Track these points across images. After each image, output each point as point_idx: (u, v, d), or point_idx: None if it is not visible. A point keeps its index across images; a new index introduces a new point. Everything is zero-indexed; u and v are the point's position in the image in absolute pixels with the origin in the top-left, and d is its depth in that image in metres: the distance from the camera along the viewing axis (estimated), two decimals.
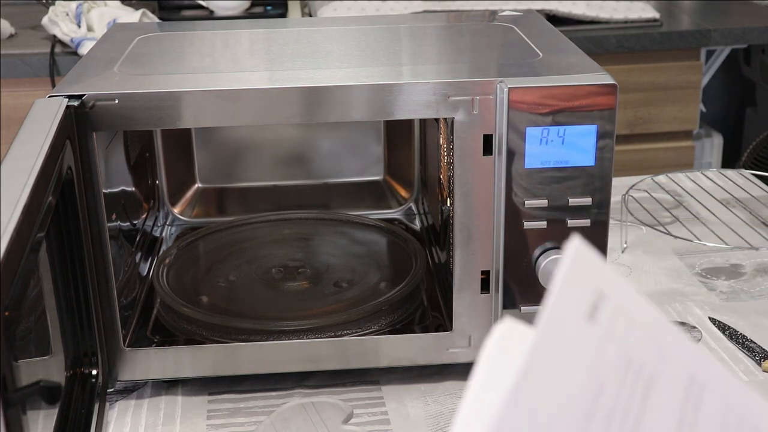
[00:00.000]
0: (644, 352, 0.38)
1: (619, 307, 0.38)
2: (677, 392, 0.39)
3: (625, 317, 0.38)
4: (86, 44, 1.84)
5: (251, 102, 0.80)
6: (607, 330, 0.37)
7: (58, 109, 0.75)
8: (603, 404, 0.36)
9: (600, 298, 0.38)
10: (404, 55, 0.94)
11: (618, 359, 0.37)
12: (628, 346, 0.38)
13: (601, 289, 0.38)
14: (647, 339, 0.39)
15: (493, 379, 0.36)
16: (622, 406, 0.36)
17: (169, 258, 1.03)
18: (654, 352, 0.39)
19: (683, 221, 1.18)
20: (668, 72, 2.07)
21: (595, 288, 0.38)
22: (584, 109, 0.79)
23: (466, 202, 0.82)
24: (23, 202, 0.61)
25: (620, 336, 0.38)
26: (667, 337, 0.40)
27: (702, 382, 0.39)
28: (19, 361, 0.62)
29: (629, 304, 0.39)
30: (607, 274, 0.39)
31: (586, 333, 0.37)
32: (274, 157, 1.17)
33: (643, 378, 0.38)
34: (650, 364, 0.38)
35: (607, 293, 0.38)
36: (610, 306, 0.38)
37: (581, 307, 0.37)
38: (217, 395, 0.87)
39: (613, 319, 0.38)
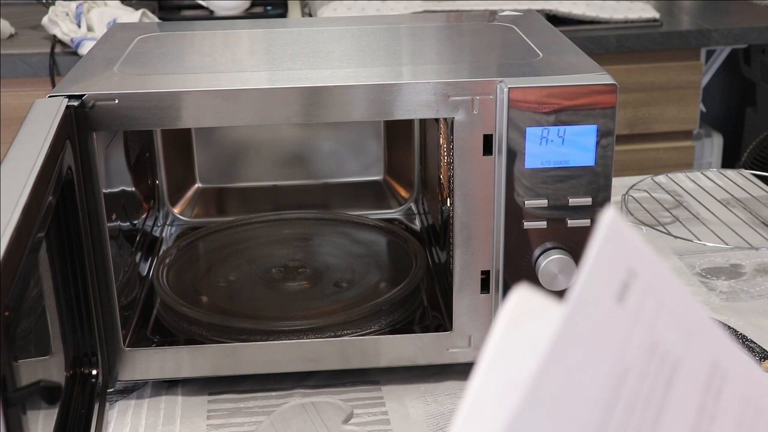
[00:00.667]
0: (670, 337, 0.37)
1: (649, 287, 0.37)
2: (699, 380, 0.37)
3: (654, 298, 0.37)
4: (86, 44, 1.84)
5: (251, 102, 0.80)
6: (635, 312, 0.36)
7: (58, 109, 0.75)
8: (626, 392, 0.35)
9: (631, 277, 0.36)
10: (404, 55, 0.94)
11: (644, 344, 0.36)
12: (655, 330, 0.36)
13: (633, 267, 0.37)
14: (675, 323, 0.37)
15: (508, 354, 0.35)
16: (645, 394, 0.35)
17: (169, 258, 1.03)
18: (680, 336, 0.37)
19: (683, 221, 1.18)
20: (668, 72, 2.07)
21: (627, 266, 0.36)
22: (584, 108, 0.79)
23: (466, 202, 0.82)
24: (23, 202, 0.61)
25: (648, 319, 0.36)
26: (694, 321, 0.38)
27: (724, 370, 0.38)
28: (19, 361, 0.62)
29: (660, 283, 0.38)
30: (640, 250, 0.37)
31: (616, 315, 0.35)
32: (274, 157, 1.17)
33: (667, 365, 0.36)
34: (675, 350, 0.37)
35: (639, 272, 0.37)
36: (640, 286, 0.36)
37: (612, 286, 0.36)
38: (217, 395, 0.87)
39: (643, 300, 0.36)
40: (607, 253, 0.36)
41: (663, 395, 0.36)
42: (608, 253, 0.36)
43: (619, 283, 0.36)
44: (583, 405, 0.34)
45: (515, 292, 0.38)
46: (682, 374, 0.37)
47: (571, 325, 0.34)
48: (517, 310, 0.37)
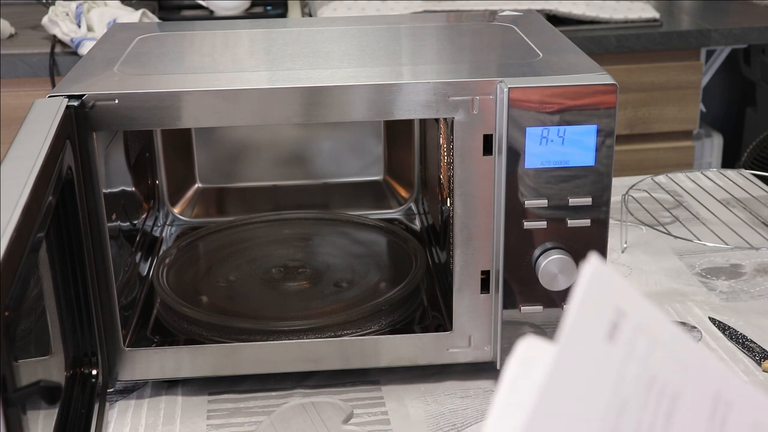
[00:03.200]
0: (667, 371, 0.38)
1: (639, 325, 0.38)
2: (703, 410, 0.38)
3: (646, 336, 0.38)
4: (86, 44, 1.84)
5: (251, 102, 0.80)
6: (627, 349, 0.37)
7: (58, 109, 0.75)
8: (626, 423, 0.36)
9: (620, 317, 0.37)
10: (404, 55, 0.94)
11: (640, 378, 0.37)
12: (650, 364, 0.37)
13: (620, 307, 0.38)
14: (670, 357, 0.38)
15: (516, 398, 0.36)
16: (646, 424, 0.36)
17: (169, 258, 1.03)
18: (677, 370, 0.38)
19: (683, 221, 1.18)
20: (668, 72, 2.07)
21: (615, 307, 0.38)
22: (584, 108, 0.79)
23: (466, 202, 0.82)
24: (23, 202, 0.61)
25: (642, 355, 0.37)
26: (690, 355, 0.39)
27: (727, 400, 0.39)
28: (19, 361, 0.62)
29: (650, 322, 0.38)
30: (627, 293, 0.38)
31: (607, 353, 0.36)
32: (274, 157, 1.17)
33: (666, 396, 0.37)
34: (674, 383, 0.38)
35: (627, 312, 0.38)
36: (630, 325, 0.38)
37: (601, 327, 0.37)
38: (217, 395, 0.87)
39: (634, 338, 0.37)
40: (594, 296, 0.37)
41: (666, 424, 0.36)
42: (594, 295, 0.37)
43: (607, 323, 0.37)
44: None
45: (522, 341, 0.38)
46: (683, 405, 0.37)
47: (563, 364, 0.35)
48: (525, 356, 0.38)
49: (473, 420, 0.83)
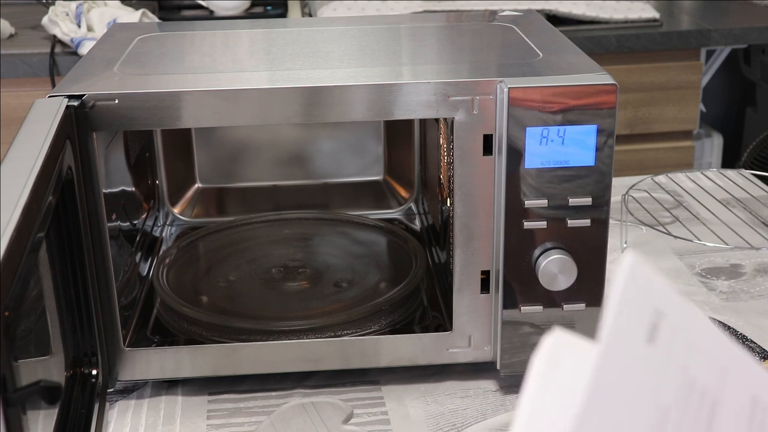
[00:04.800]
0: (706, 375, 0.37)
1: (677, 327, 0.37)
2: (742, 415, 0.37)
3: (684, 338, 0.37)
4: (86, 44, 1.84)
5: (251, 102, 0.80)
6: (667, 353, 0.36)
7: (58, 109, 0.75)
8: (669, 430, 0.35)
9: (659, 318, 0.36)
10: (404, 55, 0.94)
11: (680, 384, 0.36)
12: (689, 369, 0.36)
13: (659, 308, 0.37)
14: (708, 360, 0.37)
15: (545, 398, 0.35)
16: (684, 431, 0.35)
17: (169, 258, 1.03)
18: (715, 374, 0.37)
19: (683, 221, 1.18)
20: (668, 72, 2.07)
21: (654, 307, 0.36)
22: (584, 108, 0.79)
23: (466, 202, 0.82)
24: (23, 202, 0.61)
25: (681, 358, 0.36)
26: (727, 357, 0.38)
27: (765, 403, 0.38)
28: (19, 361, 0.62)
29: (688, 322, 0.38)
30: (665, 290, 0.37)
31: (647, 357, 0.35)
32: (274, 157, 1.17)
33: (706, 403, 0.36)
34: (713, 388, 0.37)
35: (666, 312, 0.37)
36: (669, 326, 0.36)
37: (641, 329, 0.36)
38: (217, 395, 0.87)
39: (673, 340, 0.36)
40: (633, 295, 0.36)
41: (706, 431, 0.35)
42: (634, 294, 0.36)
43: (647, 325, 0.36)
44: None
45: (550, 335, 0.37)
46: (723, 410, 0.36)
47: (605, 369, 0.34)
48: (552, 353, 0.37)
49: (473, 420, 0.83)
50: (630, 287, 0.36)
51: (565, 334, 0.37)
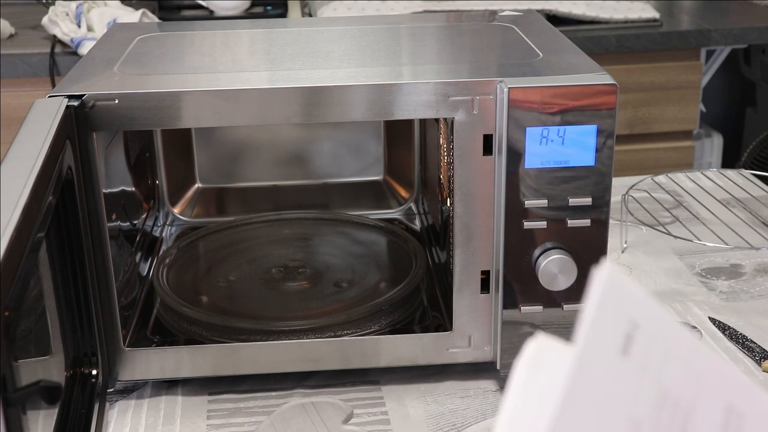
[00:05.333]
0: (680, 385, 0.37)
1: (653, 337, 0.37)
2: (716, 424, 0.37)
3: (659, 348, 0.37)
4: (86, 44, 1.84)
5: (251, 102, 0.80)
6: (641, 364, 0.36)
7: (58, 109, 0.75)
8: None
9: (633, 329, 0.36)
10: (404, 55, 0.94)
11: (654, 395, 0.36)
12: (663, 379, 0.37)
13: (634, 319, 0.37)
14: (683, 370, 0.37)
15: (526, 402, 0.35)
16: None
17: (169, 258, 1.03)
18: (690, 383, 0.37)
19: (683, 221, 1.18)
20: (668, 72, 2.07)
21: (629, 318, 0.37)
22: (584, 108, 0.79)
23: (466, 202, 0.82)
24: (23, 202, 0.61)
25: (655, 369, 0.36)
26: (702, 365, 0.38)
27: (740, 410, 0.38)
28: (19, 361, 0.62)
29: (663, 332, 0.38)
30: (641, 300, 0.38)
31: (622, 369, 0.35)
32: (274, 157, 1.17)
33: (680, 413, 0.36)
34: (687, 398, 0.37)
35: (641, 323, 0.37)
36: (644, 337, 0.37)
37: (615, 339, 0.36)
38: (217, 395, 0.87)
39: (648, 351, 0.37)
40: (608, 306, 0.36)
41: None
42: (609, 306, 0.36)
43: (622, 336, 0.36)
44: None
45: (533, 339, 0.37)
46: (696, 420, 0.36)
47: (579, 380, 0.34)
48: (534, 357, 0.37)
49: (473, 420, 0.83)
50: (606, 297, 0.36)
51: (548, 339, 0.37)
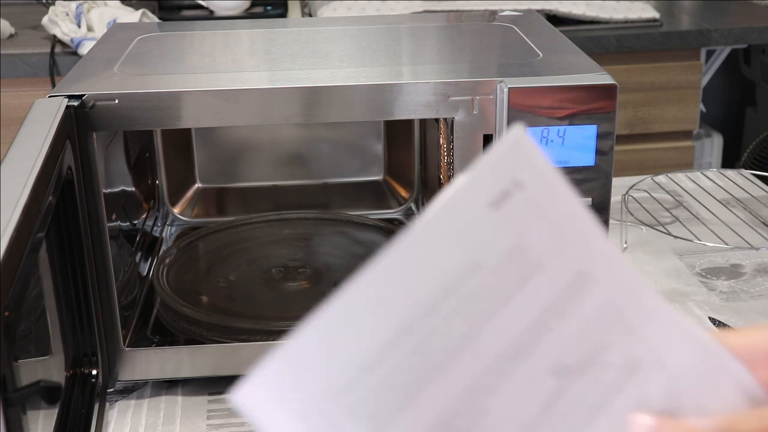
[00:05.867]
0: (540, 245, 0.40)
1: (531, 200, 0.40)
2: (559, 283, 0.40)
3: (534, 210, 0.40)
4: (86, 44, 1.84)
5: (251, 102, 0.80)
6: (506, 219, 0.39)
7: (58, 109, 0.75)
8: (472, 282, 0.38)
9: (514, 188, 0.39)
10: (404, 55, 0.94)
11: (508, 247, 0.39)
12: (524, 236, 0.39)
13: (519, 180, 0.39)
14: (549, 233, 0.40)
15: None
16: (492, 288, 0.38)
17: (169, 258, 1.03)
18: (553, 246, 0.40)
19: (683, 221, 1.18)
20: (668, 72, 2.07)
21: (514, 178, 0.39)
22: (584, 109, 0.79)
23: None
24: (23, 202, 0.61)
25: (519, 226, 0.39)
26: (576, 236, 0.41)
27: (593, 279, 0.41)
28: (19, 361, 0.62)
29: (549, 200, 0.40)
30: (538, 168, 0.40)
31: (484, 218, 0.39)
32: (274, 157, 1.17)
33: (525, 265, 0.39)
34: (539, 255, 0.40)
35: (526, 185, 0.39)
36: (521, 198, 0.39)
37: (489, 194, 0.39)
38: (217, 395, 0.87)
39: (519, 210, 0.39)
40: (497, 163, 0.39)
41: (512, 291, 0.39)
42: (498, 162, 0.39)
43: (497, 192, 0.39)
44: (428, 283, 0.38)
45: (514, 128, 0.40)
46: (540, 276, 0.39)
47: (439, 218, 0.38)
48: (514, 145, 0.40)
49: None
50: (498, 157, 0.39)
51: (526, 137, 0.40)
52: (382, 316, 0.37)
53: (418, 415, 0.37)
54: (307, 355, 0.37)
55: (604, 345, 0.41)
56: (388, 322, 0.37)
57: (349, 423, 0.36)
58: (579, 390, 0.40)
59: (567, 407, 0.40)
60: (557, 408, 0.39)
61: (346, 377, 0.36)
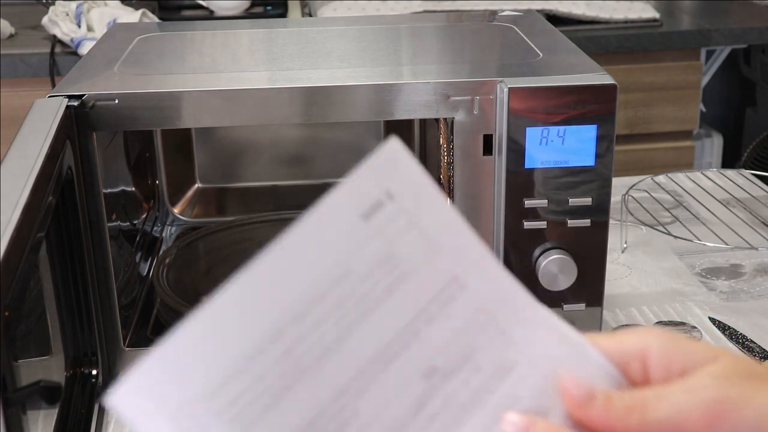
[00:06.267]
0: (412, 253, 0.41)
1: (403, 210, 0.41)
2: (430, 289, 0.42)
3: (405, 220, 0.41)
4: (86, 44, 1.84)
5: (251, 102, 0.80)
6: (378, 229, 0.41)
7: (58, 109, 0.75)
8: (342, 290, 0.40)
9: (387, 199, 0.41)
10: (404, 55, 0.94)
11: (377, 254, 0.41)
12: (395, 244, 0.41)
13: (392, 191, 0.41)
14: (420, 242, 0.42)
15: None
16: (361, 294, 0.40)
17: (169, 258, 1.03)
18: (425, 253, 0.42)
19: (683, 221, 1.18)
20: (668, 72, 2.07)
21: (387, 190, 0.41)
22: (584, 108, 0.79)
23: (466, 202, 0.82)
24: (23, 202, 0.61)
25: (391, 234, 0.41)
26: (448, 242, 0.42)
27: (464, 285, 0.42)
28: (19, 361, 0.62)
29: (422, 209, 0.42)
30: (411, 179, 0.42)
31: (355, 228, 0.40)
32: (274, 157, 1.17)
33: (394, 273, 0.41)
34: (410, 263, 0.41)
35: (398, 196, 0.41)
36: (393, 209, 0.41)
37: (361, 205, 0.41)
38: None
39: (391, 220, 0.41)
40: (370, 175, 0.41)
41: (382, 297, 0.40)
42: (372, 174, 0.41)
43: (370, 203, 0.41)
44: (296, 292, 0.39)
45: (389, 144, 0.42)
46: (411, 282, 0.41)
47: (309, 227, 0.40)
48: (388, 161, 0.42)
49: None
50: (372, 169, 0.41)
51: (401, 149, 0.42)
52: (252, 321, 0.38)
53: (285, 417, 0.38)
54: (180, 357, 0.38)
55: (475, 348, 0.42)
56: (258, 326, 0.38)
57: (217, 425, 0.37)
58: (449, 391, 0.41)
59: (437, 408, 0.41)
60: (427, 409, 0.41)
61: (215, 380, 0.37)
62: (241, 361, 0.38)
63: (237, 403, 0.37)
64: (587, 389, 0.43)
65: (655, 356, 0.44)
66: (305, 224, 0.40)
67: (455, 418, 0.41)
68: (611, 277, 1.04)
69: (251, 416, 0.38)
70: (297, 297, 0.39)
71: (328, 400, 0.39)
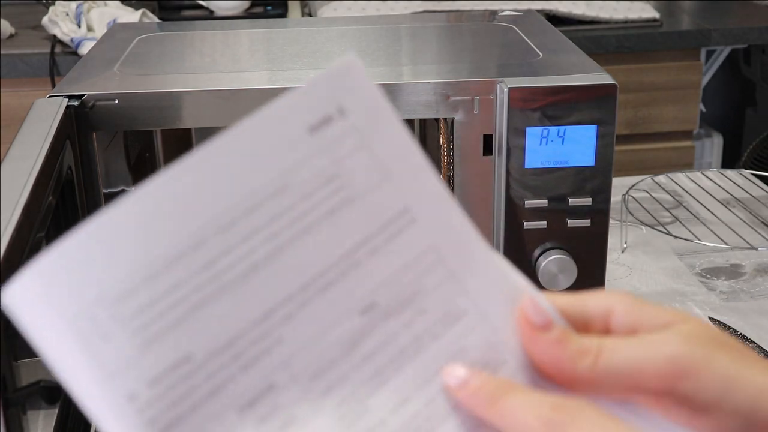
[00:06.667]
0: (357, 175, 0.38)
1: (357, 129, 0.38)
2: (375, 218, 0.38)
3: (356, 140, 0.38)
4: (86, 44, 1.84)
5: (251, 102, 0.80)
6: (325, 145, 0.37)
7: (58, 109, 0.75)
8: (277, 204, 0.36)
9: (338, 114, 0.38)
10: (404, 55, 0.94)
11: (321, 172, 0.37)
12: (343, 164, 0.38)
13: (344, 107, 0.38)
14: (371, 165, 0.38)
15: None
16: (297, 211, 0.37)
17: None
18: (372, 178, 0.38)
19: (683, 221, 1.18)
20: (668, 72, 2.07)
21: (339, 105, 0.38)
22: (584, 108, 0.79)
23: (466, 202, 0.82)
24: (23, 202, 0.61)
25: (339, 154, 0.38)
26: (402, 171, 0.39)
27: (415, 218, 0.39)
28: (19, 361, 0.62)
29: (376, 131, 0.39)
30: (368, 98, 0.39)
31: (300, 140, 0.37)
32: None
33: (338, 195, 0.38)
34: (357, 186, 0.38)
35: (351, 113, 0.38)
36: (344, 126, 0.38)
37: (309, 116, 0.37)
38: None
39: (340, 138, 0.38)
40: (323, 88, 0.38)
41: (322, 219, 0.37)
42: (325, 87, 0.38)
43: (319, 116, 0.37)
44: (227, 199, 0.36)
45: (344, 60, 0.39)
46: (355, 208, 0.38)
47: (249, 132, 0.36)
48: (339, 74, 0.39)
49: None
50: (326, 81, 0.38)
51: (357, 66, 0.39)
52: (171, 226, 0.35)
53: (198, 334, 0.35)
54: (85, 255, 0.34)
55: (421, 289, 0.39)
56: (178, 232, 0.35)
57: (119, 333, 0.34)
58: (388, 332, 0.38)
59: (372, 348, 0.38)
60: (361, 348, 0.38)
61: (122, 285, 0.34)
62: (155, 267, 0.34)
63: (145, 312, 0.34)
64: (546, 317, 0.40)
65: (619, 317, 0.41)
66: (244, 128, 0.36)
67: (392, 362, 0.38)
68: (611, 277, 1.04)
69: (159, 328, 0.34)
70: (226, 206, 0.35)
71: (250, 322, 0.36)
